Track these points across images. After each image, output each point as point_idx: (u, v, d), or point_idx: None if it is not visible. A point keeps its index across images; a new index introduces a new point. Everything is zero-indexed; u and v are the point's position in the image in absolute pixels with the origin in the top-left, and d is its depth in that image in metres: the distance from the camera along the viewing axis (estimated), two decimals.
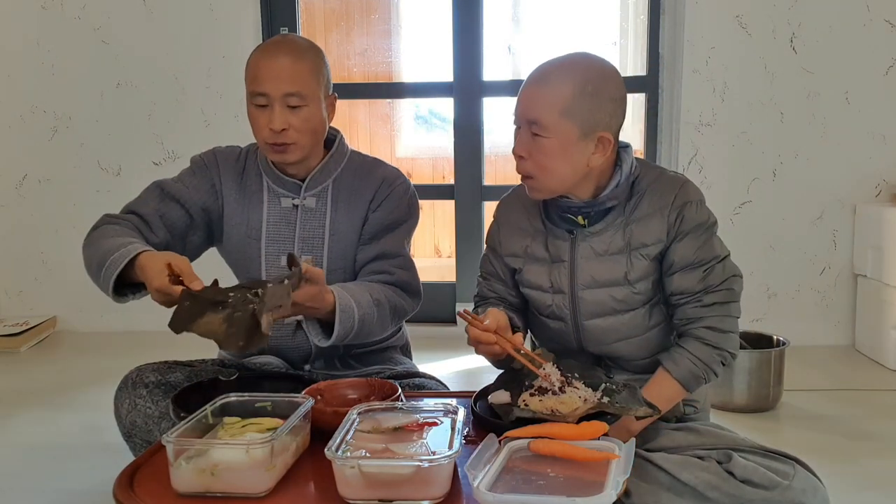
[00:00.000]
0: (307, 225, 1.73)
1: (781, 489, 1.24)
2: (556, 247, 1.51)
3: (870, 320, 3.04)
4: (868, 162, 3.11)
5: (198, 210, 1.74)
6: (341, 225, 1.73)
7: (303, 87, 1.61)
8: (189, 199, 1.73)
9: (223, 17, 3.29)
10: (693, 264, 1.46)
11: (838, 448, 2.14)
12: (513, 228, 1.57)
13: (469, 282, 3.47)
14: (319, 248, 1.73)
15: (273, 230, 1.74)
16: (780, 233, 3.15)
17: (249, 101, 1.64)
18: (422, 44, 4.56)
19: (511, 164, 1.49)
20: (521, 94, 1.46)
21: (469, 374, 2.87)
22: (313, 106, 1.64)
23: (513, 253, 1.57)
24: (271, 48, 1.64)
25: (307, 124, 1.63)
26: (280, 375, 1.67)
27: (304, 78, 1.62)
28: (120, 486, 1.19)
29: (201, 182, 1.75)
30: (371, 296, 1.63)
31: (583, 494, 1.07)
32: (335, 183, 1.75)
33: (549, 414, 1.31)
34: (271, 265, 1.73)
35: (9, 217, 3.45)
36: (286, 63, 1.60)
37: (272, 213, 1.74)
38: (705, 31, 3.09)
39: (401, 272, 1.73)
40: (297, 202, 1.73)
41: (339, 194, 1.74)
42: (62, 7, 3.33)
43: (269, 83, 1.60)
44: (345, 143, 1.80)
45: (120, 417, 1.63)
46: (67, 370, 2.94)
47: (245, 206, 1.75)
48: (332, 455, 1.11)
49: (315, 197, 1.74)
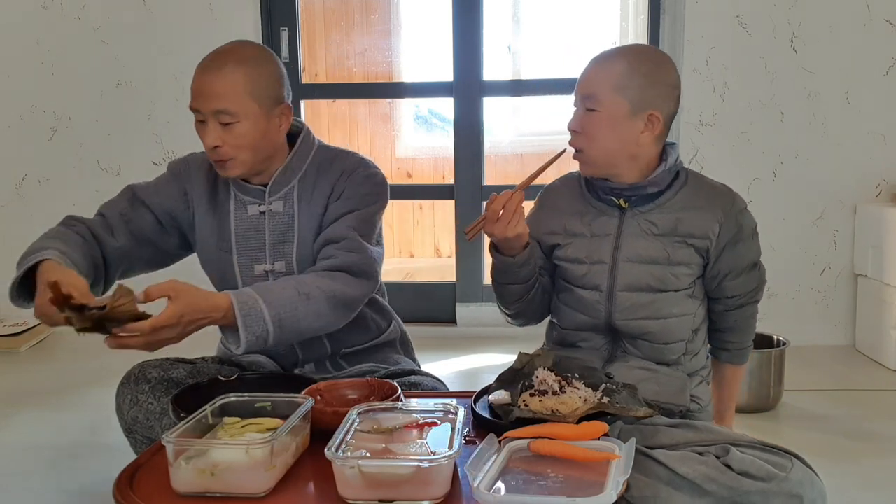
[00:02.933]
0: (276, 230, 1.70)
1: (779, 481, 1.24)
2: (602, 223, 1.58)
3: (870, 320, 3.04)
4: (868, 162, 3.11)
5: (167, 217, 1.73)
6: (306, 226, 1.70)
7: (231, 105, 1.56)
8: (159, 205, 1.72)
9: (223, 17, 3.28)
10: (750, 266, 1.60)
11: (838, 448, 2.14)
12: (552, 210, 1.64)
13: (469, 281, 3.48)
14: (289, 253, 1.70)
15: (242, 240, 1.71)
16: (781, 233, 3.15)
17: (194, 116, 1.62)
18: (422, 44, 4.56)
19: (511, 164, 1.52)
20: (581, 73, 1.55)
21: (469, 374, 2.87)
22: (247, 122, 1.58)
23: (551, 231, 1.62)
24: (206, 62, 1.60)
25: (242, 140, 1.59)
26: (280, 375, 1.67)
27: (235, 95, 1.56)
28: (120, 486, 1.19)
29: (173, 190, 1.74)
30: (298, 291, 1.54)
31: (583, 495, 1.07)
32: (300, 183, 1.71)
33: (548, 414, 1.31)
34: (246, 275, 1.71)
35: (8, 217, 3.45)
36: (216, 79, 1.56)
37: (240, 223, 1.71)
38: (705, 31, 3.09)
39: (345, 255, 1.63)
40: (263, 208, 1.70)
41: (303, 193, 1.70)
42: (62, 7, 3.33)
43: (199, 99, 1.58)
44: (310, 139, 1.75)
45: (121, 413, 1.62)
46: (67, 370, 2.94)
47: (215, 216, 1.72)
48: (331, 455, 1.11)
49: (281, 200, 1.70)
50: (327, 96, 4.39)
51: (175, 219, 1.74)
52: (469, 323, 3.42)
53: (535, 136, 4.54)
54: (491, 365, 2.94)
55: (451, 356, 3.05)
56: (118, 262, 1.71)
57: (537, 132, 4.55)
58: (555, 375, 1.39)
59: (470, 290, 3.48)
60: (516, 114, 4.54)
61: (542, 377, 1.38)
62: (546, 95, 3.82)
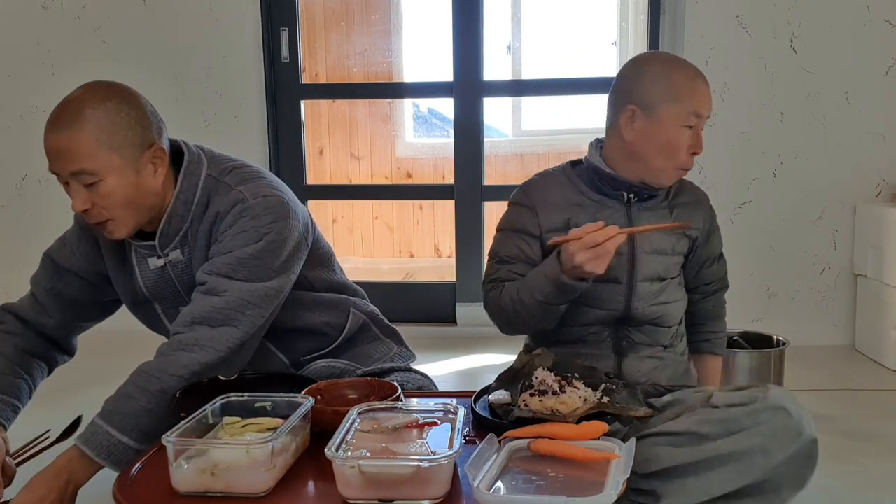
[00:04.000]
0: (184, 277, 1.59)
1: (761, 400, 1.35)
2: (609, 216, 1.58)
3: (870, 320, 3.04)
4: (868, 162, 3.11)
5: (93, 276, 1.65)
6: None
7: (88, 163, 1.41)
8: (81, 268, 1.64)
9: (223, 17, 3.28)
10: (720, 254, 1.76)
11: (838, 448, 2.13)
12: (550, 206, 1.62)
13: (469, 281, 3.47)
14: None
15: (155, 291, 1.61)
16: (781, 233, 3.15)
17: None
18: (422, 44, 4.56)
19: (511, 164, 1.52)
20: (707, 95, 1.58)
21: (469, 374, 2.87)
22: (112, 178, 1.44)
23: (554, 228, 1.59)
24: (53, 119, 1.43)
25: (111, 199, 1.45)
26: (280, 375, 1.66)
27: (88, 151, 1.41)
28: (120, 485, 1.19)
29: (86, 247, 1.64)
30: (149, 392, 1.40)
31: (583, 494, 1.07)
32: (192, 225, 1.55)
33: (548, 414, 1.31)
34: (172, 318, 1.61)
35: (9, 217, 3.45)
36: (66, 138, 1.40)
37: (146, 277, 1.60)
38: (705, 31, 3.09)
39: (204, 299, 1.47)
40: (161, 262, 1.58)
41: (197, 239, 1.56)
42: (62, 7, 3.33)
43: (54, 162, 1.43)
44: (195, 172, 1.55)
45: None
46: (67, 370, 2.93)
47: (123, 271, 1.63)
48: (332, 455, 1.11)
49: (178, 248, 1.56)
50: (327, 96, 4.39)
51: (98, 273, 1.66)
52: (469, 323, 3.42)
53: (535, 137, 4.54)
54: (491, 365, 2.94)
55: (450, 356, 3.05)
56: (65, 332, 1.70)
57: (537, 132, 4.55)
58: (554, 375, 1.39)
59: (470, 290, 3.48)
60: (516, 114, 4.54)
61: (542, 377, 1.38)
62: (546, 95, 3.83)
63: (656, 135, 1.56)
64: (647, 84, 1.55)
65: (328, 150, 4.66)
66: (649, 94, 1.55)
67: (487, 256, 1.69)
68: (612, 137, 1.62)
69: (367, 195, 4.40)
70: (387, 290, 3.48)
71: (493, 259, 1.66)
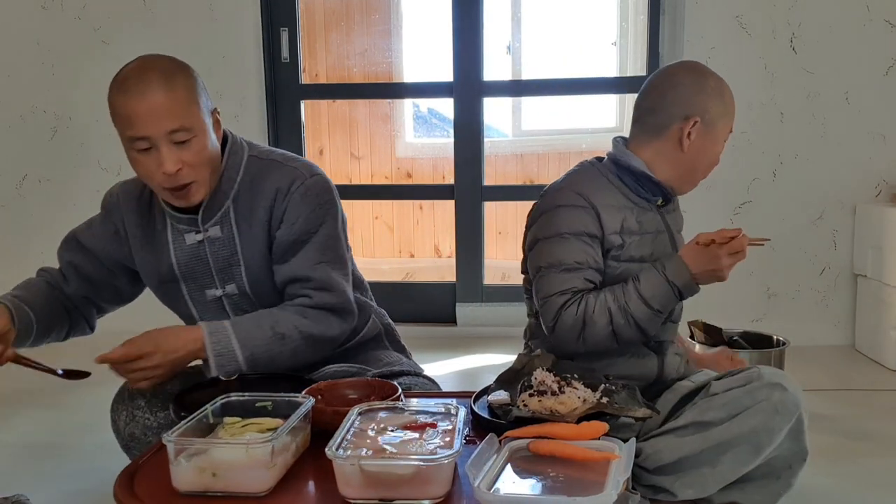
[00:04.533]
0: (219, 256, 1.60)
1: (757, 378, 1.40)
2: (649, 219, 1.59)
3: (870, 320, 3.04)
4: (868, 162, 3.11)
5: (109, 260, 1.68)
6: (250, 249, 1.60)
7: (185, 120, 1.44)
8: (98, 250, 1.68)
9: (223, 17, 3.28)
10: None
11: (838, 448, 2.13)
12: (607, 207, 1.56)
13: (469, 281, 3.48)
14: (238, 276, 1.61)
15: (186, 269, 1.62)
16: (780, 233, 3.14)
17: (129, 146, 1.47)
18: (422, 44, 4.56)
19: (511, 164, 1.51)
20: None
21: (469, 374, 2.87)
22: (202, 134, 1.48)
23: (614, 230, 1.55)
24: (136, 84, 1.45)
25: (201, 156, 1.48)
26: (280, 376, 1.66)
27: (184, 107, 1.44)
28: (120, 486, 1.19)
29: (106, 230, 1.68)
30: (273, 330, 1.52)
31: (583, 494, 1.07)
32: (235, 203, 1.59)
33: (547, 414, 1.32)
34: (197, 302, 1.65)
35: (8, 217, 3.45)
36: (160, 97, 1.43)
37: (180, 253, 1.61)
38: (705, 31, 3.09)
39: (320, 295, 1.57)
40: (200, 237, 1.59)
41: (240, 216, 1.59)
42: (62, 7, 3.33)
43: (148, 124, 1.43)
44: (238, 151, 1.61)
45: (118, 430, 1.61)
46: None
47: (153, 249, 1.64)
48: (332, 454, 1.11)
49: (218, 225, 1.59)
50: (327, 96, 4.39)
51: (115, 259, 1.68)
52: (469, 323, 3.42)
53: (535, 137, 4.54)
54: (490, 365, 2.94)
55: (450, 356, 3.05)
56: (84, 303, 1.72)
57: (537, 132, 4.55)
58: (553, 376, 1.39)
59: (470, 291, 3.48)
60: (516, 114, 4.54)
61: (541, 378, 1.38)
62: (546, 96, 3.83)
63: (709, 148, 1.59)
64: (709, 97, 1.56)
65: (328, 150, 4.67)
66: (712, 108, 1.56)
67: (536, 268, 1.56)
68: (656, 142, 1.58)
69: (367, 195, 4.40)
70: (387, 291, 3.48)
71: (556, 268, 1.51)
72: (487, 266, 3.54)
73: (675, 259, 1.48)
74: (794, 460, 1.44)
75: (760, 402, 1.36)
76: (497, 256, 4.34)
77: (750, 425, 1.35)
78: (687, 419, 1.40)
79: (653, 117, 1.58)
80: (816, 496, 1.80)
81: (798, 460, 1.44)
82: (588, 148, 4.49)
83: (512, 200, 4.13)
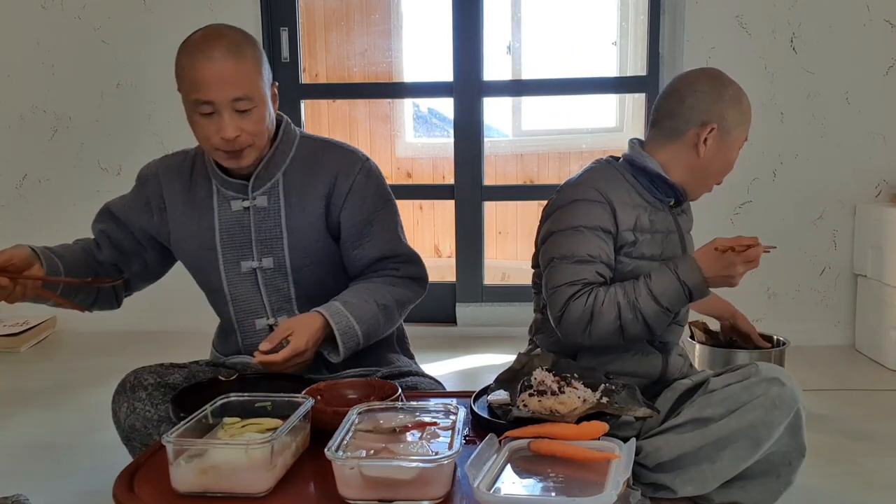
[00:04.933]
0: (262, 226, 1.65)
1: (754, 373, 1.41)
2: (661, 219, 1.61)
3: (870, 320, 3.04)
4: (868, 162, 3.11)
5: (140, 232, 1.73)
6: (297, 222, 1.65)
7: (250, 89, 1.51)
8: (130, 220, 1.72)
9: (223, 17, 3.27)
10: None
11: (839, 448, 2.13)
12: (623, 204, 1.57)
13: (469, 282, 3.48)
14: (279, 248, 1.66)
15: (227, 237, 1.66)
16: (780, 233, 3.14)
17: (192, 109, 1.53)
18: (422, 44, 4.55)
19: (511, 164, 1.51)
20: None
21: (468, 374, 2.87)
22: (262, 105, 1.55)
23: (627, 227, 1.56)
24: (207, 48, 1.51)
25: (259, 126, 1.55)
26: (280, 376, 1.66)
27: (250, 78, 1.52)
28: (120, 486, 1.19)
29: (137, 202, 1.73)
30: (377, 302, 1.62)
31: (583, 495, 1.07)
32: (285, 177, 1.66)
33: (547, 414, 1.31)
34: (230, 273, 1.68)
35: (9, 217, 3.45)
36: (229, 66, 1.49)
37: (224, 219, 1.66)
38: (705, 31, 3.09)
39: (406, 267, 1.72)
40: (247, 204, 1.65)
41: (291, 189, 1.65)
42: (62, 7, 3.33)
43: (214, 90, 1.49)
44: (292, 130, 1.70)
45: (118, 421, 1.60)
46: (67, 370, 2.94)
47: (194, 214, 1.68)
48: (331, 455, 1.11)
49: (265, 195, 1.65)
50: (327, 96, 4.39)
51: (144, 230, 1.72)
52: (469, 323, 3.42)
53: (535, 137, 4.54)
54: (490, 365, 2.94)
55: (450, 356, 3.04)
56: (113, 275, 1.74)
57: (537, 132, 4.55)
58: (553, 376, 1.39)
59: (470, 290, 3.48)
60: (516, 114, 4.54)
61: (541, 378, 1.38)
62: (546, 95, 3.83)
63: (724, 155, 1.62)
64: (727, 105, 1.58)
65: None
66: (730, 116, 1.59)
67: (548, 259, 1.55)
68: (672, 145, 1.60)
69: None
70: None
71: (568, 259, 1.51)
72: (487, 266, 3.54)
73: (688, 260, 1.49)
74: (793, 456, 1.44)
75: (758, 396, 1.37)
76: (497, 256, 4.34)
77: (748, 420, 1.37)
78: (686, 416, 1.41)
79: (670, 121, 1.59)
80: (817, 496, 1.80)
81: (797, 456, 1.45)
82: (588, 148, 4.48)
83: (512, 200, 4.13)
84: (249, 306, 1.70)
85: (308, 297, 1.68)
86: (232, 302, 1.71)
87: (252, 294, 1.69)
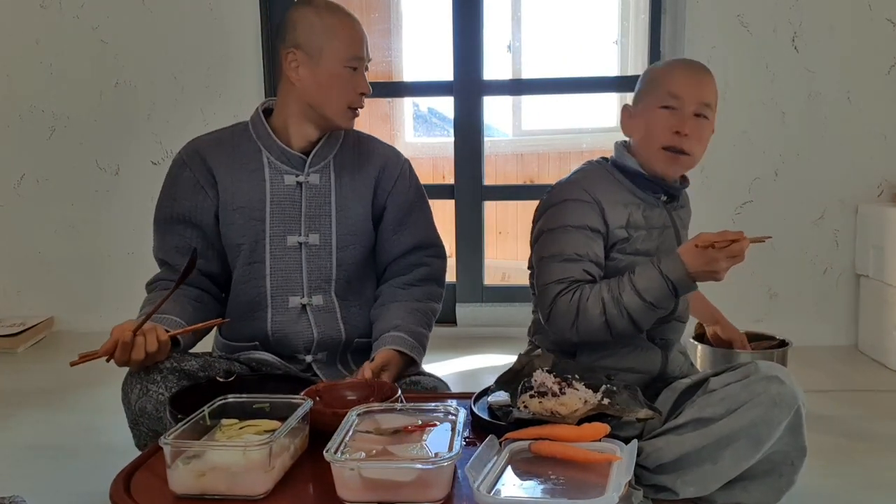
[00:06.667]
0: (313, 202, 1.72)
1: (754, 373, 1.41)
2: (655, 215, 1.62)
3: (872, 321, 3.03)
4: (870, 162, 3.10)
5: (198, 217, 1.72)
6: (347, 201, 1.74)
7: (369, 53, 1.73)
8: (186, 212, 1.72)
9: (223, 17, 3.27)
10: None
11: (840, 448, 2.13)
12: (613, 203, 1.59)
13: (469, 281, 3.47)
14: (327, 226, 1.72)
15: (277, 209, 1.71)
16: (782, 233, 3.13)
17: (341, 64, 1.67)
18: (422, 43, 4.55)
19: (511, 164, 1.51)
20: (692, 78, 1.63)
21: (469, 375, 2.87)
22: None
23: (619, 225, 1.58)
24: (343, 9, 1.75)
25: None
26: (279, 376, 1.66)
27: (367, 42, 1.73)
28: (116, 488, 1.18)
29: (185, 187, 1.73)
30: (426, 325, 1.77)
31: (584, 496, 1.06)
32: (336, 159, 1.75)
33: (548, 416, 1.31)
34: (276, 245, 1.71)
35: (7, 217, 3.44)
36: (362, 29, 1.74)
37: (276, 192, 1.71)
38: (706, 31, 3.08)
39: (436, 262, 1.85)
40: (300, 179, 1.71)
41: (343, 170, 1.75)
42: (61, 6, 3.32)
43: (364, 47, 1.71)
44: None
45: (128, 403, 1.57)
46: (65, 370, 2.91)
47: (245, 186, 1.71)
48: (330, 457, 1.10)
49: (318, 173, 1.73)
50: None
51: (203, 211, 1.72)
52: (469, 323, 3.41)
53: (535, 136, 4.53)
54: (491, 366, 2.93)
55: (450, 356, 3.04)
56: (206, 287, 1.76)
57: (537, 132, 4.54)
58: (554, 377, 1.38)
59: (470, 290, 3.47)
60: (516, 113, 4.53)
61: (541, 379, 1.37)
62: (546, 95, 3.82)
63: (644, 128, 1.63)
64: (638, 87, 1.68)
65: None
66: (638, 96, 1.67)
67: (538, 259, 1.59)
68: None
69: None
70: None
71: (556, 258, 1.55)
72: (487, 266, 3.53)
73: (672, 255, 1.49)
74: (794, 456, 1.44)
75: (758, 395, 1.37)
76: (497, 256, 4.33)
77: (749, 419, 1.36)
78: (686, 417, 1.41)
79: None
80: (819, 497, 1.79)
81: (799, 455, 1.44)
82: (588, 147, 4.48)
83: (512, 200, 4.11)
84: (287, 283, 1.73)
85: (347, 280, 1.76)
86: (270, 275, 1.72)
87: (293, 270, 1.73)
